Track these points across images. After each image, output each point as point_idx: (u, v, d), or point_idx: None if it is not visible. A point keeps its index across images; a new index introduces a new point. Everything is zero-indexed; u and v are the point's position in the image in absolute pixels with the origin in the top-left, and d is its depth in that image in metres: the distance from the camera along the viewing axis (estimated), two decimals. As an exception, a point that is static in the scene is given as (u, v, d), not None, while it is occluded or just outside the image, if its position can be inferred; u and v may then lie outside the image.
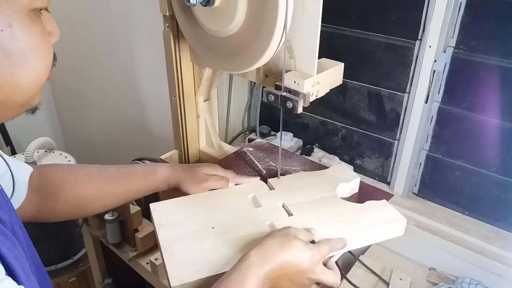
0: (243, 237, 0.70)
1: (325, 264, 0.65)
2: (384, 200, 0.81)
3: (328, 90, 0.80)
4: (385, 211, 0.78)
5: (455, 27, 1.02)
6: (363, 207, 0.78)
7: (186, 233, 0.71)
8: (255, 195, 0.81)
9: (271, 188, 0.84)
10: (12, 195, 0.68)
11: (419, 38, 1.08)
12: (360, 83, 1.23)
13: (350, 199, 0.86)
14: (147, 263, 1.08)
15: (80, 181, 0.77)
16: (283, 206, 0.79)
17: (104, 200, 0.80)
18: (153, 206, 0.77)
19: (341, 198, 0.83)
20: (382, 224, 0.74)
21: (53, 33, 0.57)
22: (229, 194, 0.81)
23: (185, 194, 0.82)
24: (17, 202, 0.70)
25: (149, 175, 0.81)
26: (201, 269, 0.63)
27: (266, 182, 0.86)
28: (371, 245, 1.23)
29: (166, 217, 0.75)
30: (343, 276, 1.06)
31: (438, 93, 1.10)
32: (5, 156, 0.69)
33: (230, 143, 1.50)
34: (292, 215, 0.76)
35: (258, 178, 0.89)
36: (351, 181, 0.86)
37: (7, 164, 0.68)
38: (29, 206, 0.72)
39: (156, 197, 1.19)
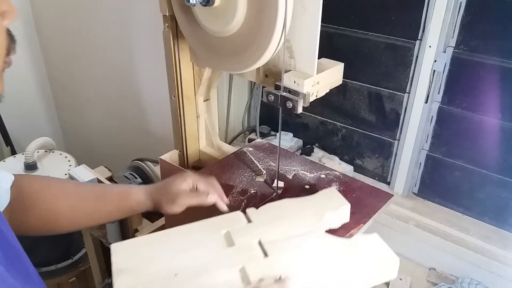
0: (210, 286, 0.61)
1: None
2: (375, 233, 0.73)
3: (328, 90, 0.80)
4: (376, 249, 0.70)
5: (455, 27, 1.02)
6: (351, 243, 0.70)
7: (144, 283, 0.61)
8: (229, 230, 0.70)
9: (248, 220, 0.73)
10: None
11: (419, 38, 1.08)
12: (360, 83, 1.23)
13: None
14: (147, 263, 1.08)
15: (55, 197, 0.74)
16: (259, 244, 0.68)
17: (77, 218, 0.77)
18: (114, 247, 0.68)
19: (328, 230, 0.74)
20: (372, 268, 0.66)
21: (8, 13, 0.47)
22: (201, 229, 0.71)
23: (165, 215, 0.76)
24: None
25: (123, 199, 0.77)
26: None
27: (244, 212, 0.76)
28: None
29: (127, 260, 0.66)
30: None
31: (438, 93, 1.10)
32: None
33: (230, 143, 1.50)
34: (267, 256, 0.65)
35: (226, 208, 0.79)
36: (339, 209, 0.76)
37: None
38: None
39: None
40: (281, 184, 0.87)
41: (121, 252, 0.68)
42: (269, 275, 0.61)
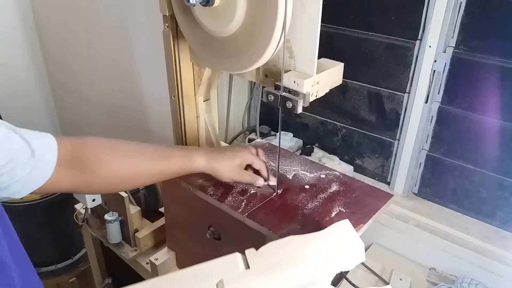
0: None
1: None
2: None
3: (328, 90, 0.80)
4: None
5: (455, 27, 1.02)
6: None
7: None
8: (223, 279, 0.64)
9: (246, 266, 0.66)
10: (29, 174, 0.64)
11: (419, 38, 1.08)
12: (360, 83, 1.23)
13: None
14: (147, 263, 1.08)
15: (118, 160, 0.76)
16: None
17: (140, 178, 0.80)
18: None
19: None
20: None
21: None
22: (192, 277, 0.66)
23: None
24: (39, 180, 0.67)
25: (186, 162, 0.81)
26: None
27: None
28: (371, 244, 1.24)
29: None
30: (343, 276, 1.06)
31: (438, 93, 1.10)
32: (25, 134, 0.65)
33: (230, 143, 1.50)
34: None
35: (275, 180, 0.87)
36: (351, 251, 0.65)
37: (27, 143, 0.64)
38: (62, 180, 0.70)
39: (156, 199, 1.19)
40: (273, 182, 0.87)
41: None
42: None
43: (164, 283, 0.66)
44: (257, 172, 0.87)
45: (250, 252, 0.66)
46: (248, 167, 0.87)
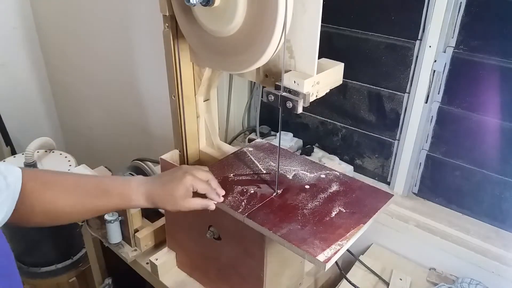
0: None
1: None
2: None
3: (328, 90, 0.80)
4: None
5: (455, 27, 1.02)
6: None
7: None
8: None
9: None
10: None
11: (419, 38, 1.08)
12: (360, 83, 1.23)
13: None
14: (147, 263, 1.08)
15: (57, 196, 0.75)
16: None
17: (79, 214, 0.81)
18: None
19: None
20: None
21: None
22: None
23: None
24: (9, 214, 0.68)
25: (124, 201, 0.79)
26: None
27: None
28: (371, 244, 1.24)
29: None
30: (343, 276, 1.06)
31: (438, 93, 1.10)
32: (2, 167, 0.67)
33: (230, 143, 1.50)
34: None
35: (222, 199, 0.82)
36: None
37: (3, 176, 0.66)
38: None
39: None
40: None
41: None
42: None
43: None
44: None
45: None
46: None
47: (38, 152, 1.58)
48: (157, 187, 0.79)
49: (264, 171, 0.93)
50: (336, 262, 0.71)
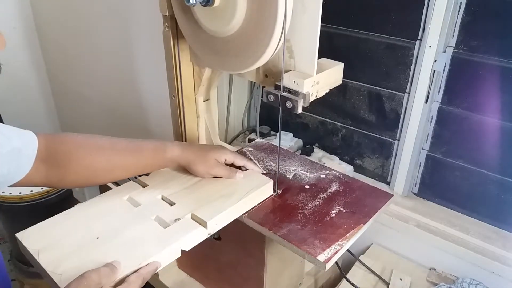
0: (133, 237, 0.69)
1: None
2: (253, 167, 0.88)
3: (328, 90, 0.80)
4: (255, 177, 0.85)
5: (455, 27, 1.02)
6: (234, 180, 0.84)
7: (71, 251, 0.66)
8: (130, 195, 0.80)
9: (143, 185, 0.84)
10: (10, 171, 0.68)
11: (419, 38, 1.08)
12: (360, 83, 1.23)
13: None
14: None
15: (90, 154, 0.77)
16: (162, 199, 0.80)
17: (114, 172, 0.81)
18: (20, 235, 0.70)
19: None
20: (255, 190, 0.81)
21: None
22: (102, 202, 0.79)
23: (191, 174, 0.86)
24: (17, 175, 0.70)
25: (159, 153, 0.82)
26: None
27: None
28: (371, 244, 1.24)
29: (40, 241, 0.68)
30: (343, 276, 1.06)
31: (438, 93, 1.10)
32: (7, 131, 0.68)
33: (230, 143, 1.50)
34: (174, 203, 0.78)
35: (261, 171, 0.90)
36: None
37: (8, 139, 0.67)
38: (37, 175, 0.73)
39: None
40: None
41: (30, 237, 0.70)
42: (183, 216, 0.74)
43: (78, 209, 0.77)
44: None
45: (142, 177, 0.87)
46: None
47: (38, 152, 1.58)
48: (194, 146, 0.86)
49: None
50: (336, 262, 0.71)
